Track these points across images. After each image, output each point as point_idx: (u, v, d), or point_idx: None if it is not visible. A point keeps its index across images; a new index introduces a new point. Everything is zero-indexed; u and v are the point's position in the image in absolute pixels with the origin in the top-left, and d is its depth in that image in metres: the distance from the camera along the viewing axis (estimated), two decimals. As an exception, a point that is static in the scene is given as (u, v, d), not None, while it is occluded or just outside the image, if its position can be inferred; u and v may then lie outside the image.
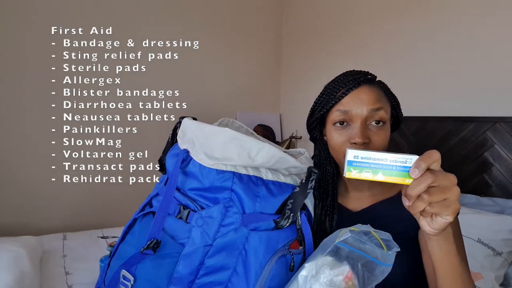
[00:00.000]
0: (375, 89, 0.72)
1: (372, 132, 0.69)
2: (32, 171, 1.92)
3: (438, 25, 1.72)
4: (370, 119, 0.69)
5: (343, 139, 0.71)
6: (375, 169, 0.50)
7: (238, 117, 2.60)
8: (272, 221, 0.58)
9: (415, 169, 0.47)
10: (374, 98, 0.70)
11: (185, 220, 0.57)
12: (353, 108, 0.69)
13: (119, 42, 2.12)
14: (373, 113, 0.69)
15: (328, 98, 0.72)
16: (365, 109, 0.69)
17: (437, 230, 0.50)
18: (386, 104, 0.72)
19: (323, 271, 0.49)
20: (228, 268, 0.56)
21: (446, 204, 0.47)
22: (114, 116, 2.14)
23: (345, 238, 0.50)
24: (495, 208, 1.37)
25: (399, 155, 0.49)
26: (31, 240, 1.49)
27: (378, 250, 0.49)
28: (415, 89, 1.82)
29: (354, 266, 0.49)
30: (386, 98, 0.73)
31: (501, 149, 1.45)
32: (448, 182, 0.47)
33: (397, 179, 0.49)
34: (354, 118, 0.69)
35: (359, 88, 0.70)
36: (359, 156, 0.50)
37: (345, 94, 0.70)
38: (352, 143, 0.69)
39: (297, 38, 2.68)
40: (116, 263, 0.62)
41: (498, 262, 1.21)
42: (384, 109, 0.70)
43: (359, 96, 0.70)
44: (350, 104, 0.70)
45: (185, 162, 0.59)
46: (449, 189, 0.47)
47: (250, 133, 0.78)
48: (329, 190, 0.78)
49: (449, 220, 0.48)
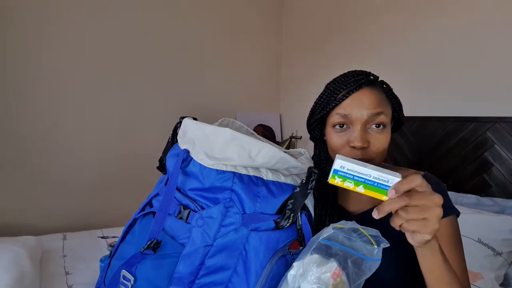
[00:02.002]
0: (377, 91, 0.70)
1: (372, 135, 0.69)
2: (32, 171, 1.92)
3: (438, 25, 1.72)
4: (370, 122, 0.69)
5: (342, 141, 0.70)
6: (357, 181, 0.53)
7: (238, 117, 2.60)
8: (272, 221, 0.58)
9: (392, 190, 0.50)
10: (375, 101, 0.68)
11: (185, 220, 0.57)
12: (353, 112, 0.68)
13: (119, 41, 2.12)
14: (374, 117, 0.68)
15: (329, 99, 0.72)
16: (365, 113, 0.68)
17: (417, 244, 0.52)
18: (387, 107, 0.71)
19: (310, 269, 0.49)
20: (228, 268, 0.56)
21: (424, 223, 0.49)
22: (114, 115, 2.14)
23: (329, 235, 0.51)
24: (495, 208, 1.37)
25: (383, 174, 0.51)
26: (31, 240, 1.48)
27: (366, 246, 0.50)
28: (415, 89, 1.82)
29: (343, 263, 0.49)
30: (387, 101, 0.72)
31: (501, 149, 1.45)
32: (430, 202, 0.49)
33: (376, 195, 0.52)
34: (354, 121, 0.69)
35: (360, 90, 0.69)
36: (345, 167, 0.53)
37: (345, 97, 0.69)
38: (351, 146, 0.69)
39: (297, 38, 2.68)
40: (116, 263, 0.62)
41: (498, 262, 1.21)
42: (384, 113, 0.69)
43: (360, 99, 0.68)
44: (350, 107, 0.69)
45: (186, 162, 0.59)
46: (428, 209, 0.49)
47: (250, 133, 0.78)
48: (329, 191, 0.78)
49: (426, 239, 0.50)
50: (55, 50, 1.94)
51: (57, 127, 1.98)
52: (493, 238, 1.22)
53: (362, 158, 0.67)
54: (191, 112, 2.34)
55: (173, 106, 2.33)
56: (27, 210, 1.91)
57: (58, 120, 1.98)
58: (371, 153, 0.69)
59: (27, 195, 1.91)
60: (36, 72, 1.90)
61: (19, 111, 1.87)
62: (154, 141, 2.23)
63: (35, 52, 1.89)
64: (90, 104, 2.06)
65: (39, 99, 1.92)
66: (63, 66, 1.97)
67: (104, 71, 2.09)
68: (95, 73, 2.06)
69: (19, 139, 1.88)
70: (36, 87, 1.91)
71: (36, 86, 1.91)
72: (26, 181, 1.91)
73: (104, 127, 2.12)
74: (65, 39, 1.96)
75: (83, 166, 2.06)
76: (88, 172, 2.08)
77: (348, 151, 0.69)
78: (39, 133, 1.93)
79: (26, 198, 1.91)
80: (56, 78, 1.96)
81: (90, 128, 2.07)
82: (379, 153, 0.69)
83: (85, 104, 2.05)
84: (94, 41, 2.05)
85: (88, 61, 2.04)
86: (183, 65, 2.37)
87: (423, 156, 1.70)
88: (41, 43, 1.90)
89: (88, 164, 2.08)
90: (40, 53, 1.91)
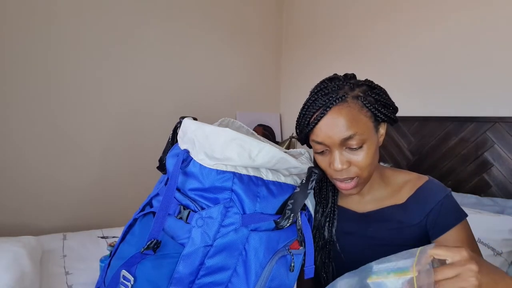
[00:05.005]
0: (347, 110, 0.65)
1: (351, 155, 0.67)
2: (32, 171, 1.92)
3: (438, 25, 1.72)
4: (346, 145, 0.66)
5: (325, 163, 0.70)
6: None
7: (238, 117, 2.60)
8: (272, 222, 0.58)
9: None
10: (345, 124, 0.64)
11: (185, 220, 0.57)
12: (325, 139, 0.66)
13: (119, 41, 2.12)
14: (345, 141, 0.65)
15: (304, 122, 0.70)
16: (336, 139, 0.65)
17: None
18: (361, 123, 0.66)
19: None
20: (228, 269, 0.56)
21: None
22: (114, 115, 2.14)
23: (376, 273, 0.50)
24: (495, 208, 1.37)
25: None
26: (31, 240, 1.48)
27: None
28: (415, 88, 1.82)
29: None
30: (362, 114, 0.66)
31: (501, 149, 1.45)
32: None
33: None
34: (330, 146, 0.67)
35: (328, 114, 0.66)
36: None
37: (316, 122, 0.66)
38: (333, 169, 0.68)
39: (297, 38, 2.68)
40: (116, 263, 0.62)
41: (498, 262, 1.21)
42: (358, 133, 0.65)
43: (328, 125, 0.65)
44: (322, 134, 0.66)
45: (186, 162, 0.59)
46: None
47: (251, 133, 0.78)
48: (329, 196, 0.78)
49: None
50: (55, 50, 1.94)
51: (57, 127, 1.98)
52: (493, 238, 1.22)
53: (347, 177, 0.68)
54: (191, 111, 2.34)
55: (173, 106, 2.33)
56: (27, 210, 1.91)
57: (58, 120, 1.97)
58: (354, 171, 0.68)
59: (27, 195, 1.91)
60: (36, 72, 1.90)
61: (19, 111, 1.87)
62: (154, 141, 2.23)
63: (35, 52, 1.89)
64: (90, 105, 2.06)
65: (39, 100, 1.92)
66: (62, 66, 1.97)
67: (104, 71, 2.09)
68: (95, 74, 2.06)
69: (19, 139, 1.88)
70: (36, 88, 1.91)
71: (36, 87, 1.91)
72: (26, 181, 1.91)
73: (104, 127, 2.12)
74: (65, 39, 1.96)
75: (83, 166, 2.06)
76: (88, 172, 2.08)
77: (333, 173, 0.70)
78: (39, 133, 1.93)
79: (26, 198, 1.91)
80: (56, 78, 1.96)
81: (90, 128, 2.07)
82: (364, 168, 0.68)
83: (85, 105, 2.05)
84: (94, 41, 2.05)
85: (88, 61, 2.04)
86: (183, 64, 2.37)
87: (423, 156, 1.70)
88: (41, 43, 1.90)
89: (88, 164, 2.07)
90: (40, 53, 1.90)
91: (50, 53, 1.93)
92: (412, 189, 0.75)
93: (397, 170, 0.82)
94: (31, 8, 1.87)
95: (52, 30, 1.93)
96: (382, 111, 0.68)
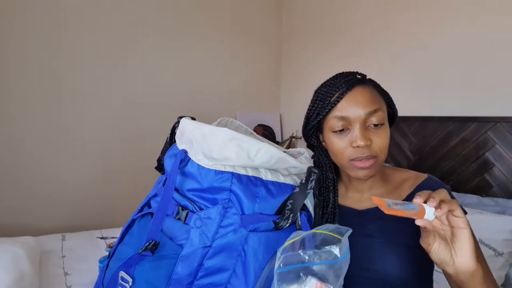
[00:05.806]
0: (369, 89, 0.69)
1: (373, 133, 0.68)
2: (31, 172, 1.92)
3: (438, 25, 1.72)
4: (369, 121, 0.68)
5: (344, 144, 0.69)
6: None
7: (238, 117, 2.59)
8: (271, 222, 0.58)
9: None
10: (370, 99, 0.68)
11: (183, 221, 0.56)
12: (350, 112, 0.67)
13: (120, 41, 2.12)
14: (371, 114, 0.67)
15: (323, 104, 0.70)
16: (362, 111, 0.67)
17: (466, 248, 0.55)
18: (382, 104, 0.70)
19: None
20: (227, 270, 0.55)
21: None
22: (113, 115, 2.14)
23: (281, 262, 0.48)
24: (496, 208, 1.36)
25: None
26: (30, 241, 1.48)
27: (323, 252, 0.48)
28: (416, 88, 1.81)
29: (320, 274, 0.47)
30: (380, 97, 0.71)
31: (503, 149, 1.45)
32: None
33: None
34: (353, 121, 0.67)
35: (353, 90, 0.68)
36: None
37: (340, 98, 0.68)
38: (354, 147, 0.68)
39: (297, 38, 2.68)
40: (114, 264, 0.61)
41: (499, 262, 1.21)
42: (381, 109, 0.68)
43: (355, 98, 0.67)
44: (346, 108, 0.67)
45: (184, 163, 0.59)
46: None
47: (250, 133, 0.77)
48: (330, 197, 0.77)
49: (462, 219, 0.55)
50: (55, 50, 1.94)
51: (57, 128, 1.97)
52: (494, 239, 1.21)
53: (369, 156, 0.67)
54: (192, 111, 2.34)
55: (173, 106, 2.33)
56: (26, 210, 1.91)
57: (57, 120, 1.97)
58: (375, 150, 0.68)
59: (26, 195, 1.91)
60: (36, 71, 1.90)
61: (19, 111, 1.87)
62: (154, 142, 2.22)
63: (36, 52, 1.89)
64: (90, 105, 2.06)
65: (39, 100, 1.91)
66: (62, 66, 1.97)
67: (104, 72, 2.09)
68: (94, 74, 2.06)
69: (18, 140, 1.88)
70: (36, 88, 1.91)
71: (36, 87, 1.91)
72: (25, 181, 1.91)
73: (103, 128, 2.11)
74: (66, 39, 1.96)
75: (82, 167, 2.06)
76: (87, 173, 2.07)
77: (352, 152, 0.68)
78: (38, 134, 1.93)
79: (25, 199, 1.91)
80: (56, 79, 1.95)
81: (89, 130, 2.07)
82: (383, 149, 0.68)
83: (85, 105, 2.04)
84: (95, 41, 2.04)
85: (88, 61, 2.04)
86: (183, 64, 2.36)
87: (424, 156, 1.69)
88: (41, 43, 1.90)
89: (87, 165, 2.07)
90: (41, 52, 1.90)
91: (51, 53, 1.93)
92: (411, 187, 0.75)
93: (396, 168, 0.82)
94: (31, 8, 1.86)
95: (54, 31, 1.93)
96: (390, 103, 0.74)
